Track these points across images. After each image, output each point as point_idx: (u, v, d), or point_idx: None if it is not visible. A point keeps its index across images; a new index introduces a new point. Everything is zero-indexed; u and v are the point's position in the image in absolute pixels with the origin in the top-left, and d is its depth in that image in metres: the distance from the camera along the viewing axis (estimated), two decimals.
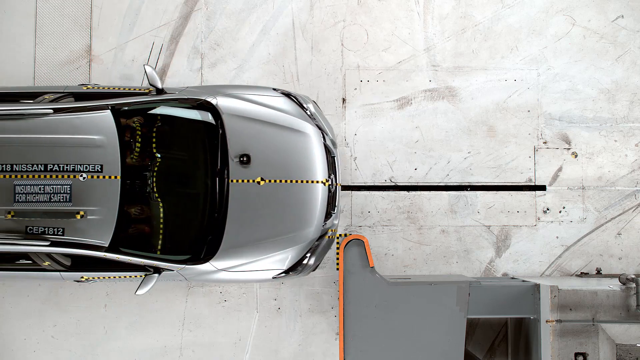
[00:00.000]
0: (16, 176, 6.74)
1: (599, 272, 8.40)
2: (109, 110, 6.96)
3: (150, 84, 7.18)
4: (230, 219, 7.02)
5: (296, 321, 8.49)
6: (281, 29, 8.74)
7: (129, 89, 7.38)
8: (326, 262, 8.47)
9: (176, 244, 7.19)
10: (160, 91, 7.20)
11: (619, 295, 6.70)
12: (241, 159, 7.07)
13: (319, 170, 7.21)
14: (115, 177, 6.84)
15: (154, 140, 7.25)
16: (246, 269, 7.16)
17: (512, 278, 8.17)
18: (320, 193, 7.18)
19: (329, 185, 7.29)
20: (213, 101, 7.21)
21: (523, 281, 7.30)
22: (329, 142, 7.47)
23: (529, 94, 8.62)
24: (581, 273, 8.37)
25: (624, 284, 6.75)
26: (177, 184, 7.23)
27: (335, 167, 7.50)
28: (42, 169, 6.77)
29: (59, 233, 6.79)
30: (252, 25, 8.75)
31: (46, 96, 7.19)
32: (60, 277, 7.20)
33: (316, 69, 8.61)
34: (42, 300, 8.59)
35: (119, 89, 7.38)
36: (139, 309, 8.55)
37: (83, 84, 7.69)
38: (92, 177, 6.80)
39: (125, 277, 7.34)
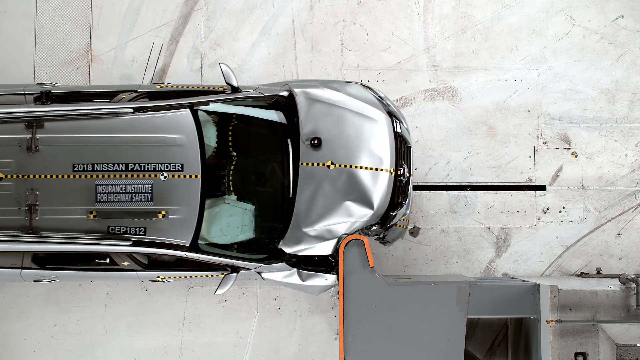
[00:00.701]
0: (97, 176, 6.73)
1: (599, 272, 8.40)
2: (188, 109, 6.95)
3: (226, 82, 7.17)
4: (299, 203, 7.00)
5: (296, 321, 8.49)
6: (281, 29, 8.74)
7: (203, 88, 7.37)
8: None
9: (252, 242, 7.22)
10: (235, 89, 7.20)
11: (619, 295, 6.70)
12: (312, 142, 7.04)
13: (388, 158, 7.16)
14: (196, 176, 6.82)
15: (230, 138, 7.26)
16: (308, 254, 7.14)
17: (512, 278, 8.17)
18: (386, 181, 7.13)
19: (400, 175, 7.23)
20: (286, 87, 7.24)
21: (523, 281, 7.30)
22: (404, 132, 7.42)
23: (529, 94, 8.62)
24: (581, 273, 8.37)
25: (624, 284, 6.75)
26: (253, 181, 7.24)
27: (409, 157, 7.45)
28: (123, 168, 6.75)
29: (141, 233, 6.78)
30: (252, 25, 8.75)
31: (123, 95, 7.17)
32: (137, 277, 7.18)
33: (316, 69, 8.61)
34: (42, 300, 8.59)
35: (192, 87, 7.37)
36: (139, 309, 8.55)
37: (156, 83, 7.67)
38: (173, 176, 6.79)
39: (201, 276, 7.29)
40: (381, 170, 7.13)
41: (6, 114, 6.82)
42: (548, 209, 8.49)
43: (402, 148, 7.36)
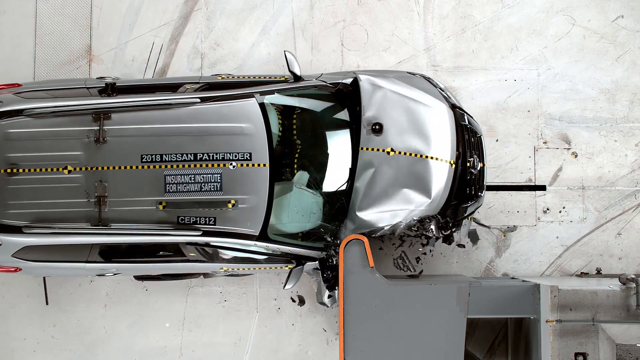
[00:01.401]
0: (166, 166, 6.74)
1: (599, 272, 8.40)
2: (254, 99, 6.96)
3: (290, 70, 7.19)
4: (357, 188, 7.03)
5: (296, 321, 8.49)
6: (281, 29, 8.74)
7: (265, 77, 7.39)
8: None
9: (312, 232, 7.22)
10: (298, 78, 7.22)
11: (619, 295, 6.70)
12: (373, 127, 7.06)
13: (448, 149, 7.17)
14: (264, 165, 6.82)
15: (294, 126, 7.27)
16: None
17: (512, 278, 8.16)
18: (446, 172, 7.14)
19: (471, 166, 7.25)
20: (351, 74, 7.27)
21: (523, 281, 7.30)
22: (472, 122, 7.43)
23: (529, 94, 8.62)
24: (581, 273, 8.37)
25: (624, 284, 6.75)
26: (316, 169, 7.22)
27: (481, 146, 7.46)
28: (192, 158, 6.75)
29: (211, 223, 6.78)
30: (252, 25, 8.75)
31: (187, 86, 7.20)
32: (201, 268, 7.20)
33: (316, 69, 8.61)
34: (42, 300, 8.59)
35: (254, 77, 7.39)
36: (139, 309, 8.55)
37: (217, 74, 7.67)
38: (242, 165, 6.79)
39: (262, 269, 7.30)
40: (441, 160, 7.14)
41: (76, 106, 6.83)
42: (548, 209, 8.49)
43: (470, 139, 7.35)
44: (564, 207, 8.38)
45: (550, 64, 8.64)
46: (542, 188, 8.55)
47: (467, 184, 7.33)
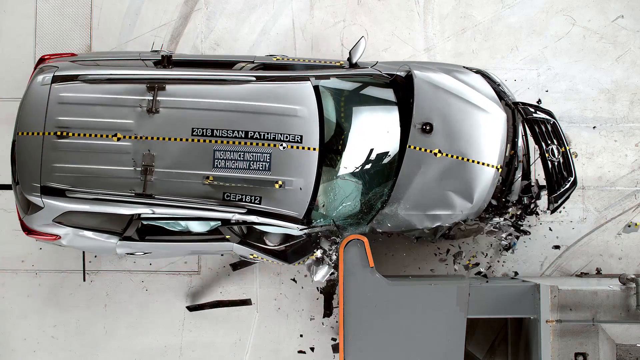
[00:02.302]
0: (216, 142, 6.72)
1: (599, 272, 8.40)
2: (309, 82, 6.96)
3: (350, 55, 7.17)
4: (398, 185, 7.00)
5: (296, 321, 8.49)
6: (281, 29, 8.74)
7: (319, 61, 7.38)
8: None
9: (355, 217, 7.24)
10: (353, 65, 7.21)
11: (619, 295, 6.70)
12: (423, 126, 7.03)
13: (497, 154, 7.15)
14: (314, 149, 6.81)
15: (342, 114, 7.22)
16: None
17: (512, 278, 8.16)
18: (491, 177, 7.13)
19: (550, 156, 7.24)
20: (406, 67, 7.25)
21: (523, 281, 7.30)
22: (544, 110, 7.40)
23: (529, 94, 8.61)
24: (581, 273, 8.37)
25: (624, 284, 6.75)
26: (361, 158, 7.17)
27: (557, 132, 7.43)
28: (243, 135, 6.74)
29: (256, 202, 6.76)
30: (252, 25, 8.76)
31: (242, 64, 7.19)
32: (231, 249, 7.19)
33: None
34: (42, 300, 8.60)
35: (308, 60, 7.38)
36: (139, 309, 8.55)
37: (271, 55, 7.67)
38: (292, 147, 6.77)
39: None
40: (488, 165, 7.12)
41: (131, 75, 6.85)
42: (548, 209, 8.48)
43: (542, 128, 7.28)
44: (564, 207, 8.37)
45: (550, 64, 8.64)
46: (542, 188, 8.53)
47: (551, 174, 7.28)
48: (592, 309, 6.69)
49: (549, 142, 7.31)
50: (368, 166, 7.14)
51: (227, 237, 6.99)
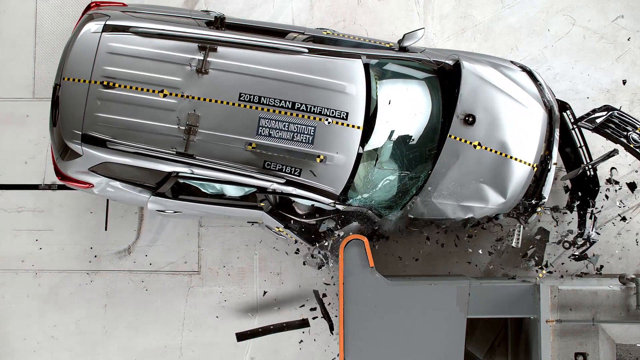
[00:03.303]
0: (262, 109, 6.70)
1: (599, 272, 8.39)
2: (360, 60, 6.94)
3: (403, 38, 7.14)
4: (435, 173, 7.03)
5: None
6: None
7: (368, 40, 7.37)
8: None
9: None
10: (403, 49, 7.20)
11: (619, 295, 6.70)
12: (466, 118, 7.05)
13: (534, 152, 7.22)
14: (358, 128, 6.80)
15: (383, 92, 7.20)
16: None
17: (512, 278, 8.16)
18: (526, 175, 7.20)
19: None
20: (455, 57, 7.28)
21: (523, 281, 7.30)
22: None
23: None
24: (581, 273, 8.36)
25: (624, 284, 6.75)
26: (400, 142, 7.16)
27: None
28: (290, 106, 6.72)
29: (296, 173, 6.76)
30: None
31: (294, 35, 7.17)
32: (260, 217, 7.17)
33: None
34: (42, 300, 8.59)
35: (357, 38, 7.35)
36: (139, 309, 8.55)
37: (322, 28, 7.64)
38: (337, 123, 6.76)
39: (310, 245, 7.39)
40: (524, 162, 7.17)
41: (184, 33, 6.80)
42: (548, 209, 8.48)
43: (608, 128, 7.30)
44: (564, 207, 8.36)
45: (550, 64, 8.63)
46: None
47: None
48: (592, 309, 6.69)
49: (624, 132, 7.23)
50: (408, 150, 7.15)
51: (262, 204, 6.97)
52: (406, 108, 7.15)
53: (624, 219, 8.33)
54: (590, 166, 7.54)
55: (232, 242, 8.56)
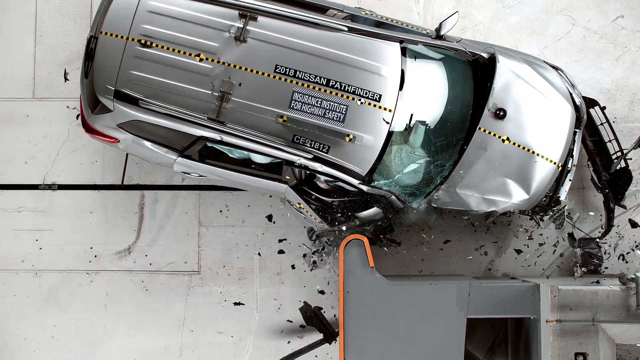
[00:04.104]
0: (297, 83, 6.70)
1: (599, 272, 8.39)
2: (398, 44, 6.95)
3: (439, 26, 7.14)
4: (461, 164, 7.06)
5: (296, 321, 8.49)
6: None
7: (406, 25, 7.38)
8: (326, 261, 8.49)
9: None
10: (439, 37, 7.22)
11: (619, 295, 6.69)
12: (497, 112, 7.08)
13: (560, 152, 7.27)
14: (390, 111, 6.81)
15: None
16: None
17: (512, 278, 8.16)
18: (551, 173, 7.26)
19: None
20: (490, 50, 7.30)
21: (523, 281, 7.30)
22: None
23: None
24: (581, 273, 8.36)
25: (624, 284, 6.74)
26: (429, 129, 7.17)
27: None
28: (324, 83, 6.73)
29: (324, 150, 6.77)
30: None
31: (335, 12, 7.17)
32: (283, 191, 7.18)
33: None
34: (42, 300, 8.59)
35: (395, 21, 7.36)
36: (139, 309, 8.55)
37: (360, 7, 7.66)
38: (369, 104, 6.77)
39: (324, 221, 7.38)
40: (549, 160, 7.22)
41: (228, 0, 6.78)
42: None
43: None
44: (564, 207, 8.36)
45: None
46: None
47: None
48: (592, 309, 6.69)
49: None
50: (436, 138, 7.16)
51: (287, 177, 6.98)
52: (437, 96, 7.18)
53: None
54: (624, 156, 7.64)
55: (232, 242, 8.56)
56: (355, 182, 6.87)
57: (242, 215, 8.56)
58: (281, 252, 8.51)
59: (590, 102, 7.87)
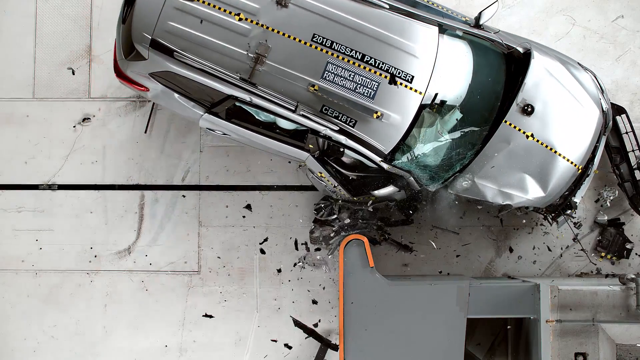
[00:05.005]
0: (332, 54, 6.73)
1: (598, 272, 8.39)
2: (437, 27, 6.97)
3: (479, 15, 7.19)
4: (483, 154, 7.09)
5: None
6: None
7: (446, 9, 7.41)
8: (326, 261, 8.48)
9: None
10: (478, 26, 7.25)
11: (619, 295, 6.70)
12: (525, 107, 7.11)
13: (582, 154, 7.31)
14: (420, 93, 6.84)
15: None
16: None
17: (512, 278, 8.16)
18: (570, 175, 7.30)
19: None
20: (527, 45, 7.32)
21: (523, 281, 7.30)
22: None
23: None
24: (581, 273, 8.36)
25: (624, 284, 6.75)
26: (457, 115, 7.20)
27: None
28: (360, 57, 6.75)
29: (351, 124, 6.79)
30: None
31: None
32: (305, 159, 7.20)
33: None
34: (42, 300, 8.59)
35: (434, 4, 7.38)
36: (139, 309, 8.55)
37: None
38: (401, 84, 6.80)
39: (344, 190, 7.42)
40: (570, 161, 7.26)
41: None
42: None
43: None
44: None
45: None
46: None
47: None
48: (592, 309, 6.69)
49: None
50: (461, 125, 7.17)
51: (310, 146, 7.02)
52: (468, 84, 7.18)
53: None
54: None
55: (232, 242, 8.56)
56: (377, 159, 6.90)
57: (242, 215, 8.56)
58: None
59: (618, 110, 7.91)
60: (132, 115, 8.65)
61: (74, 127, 8.66)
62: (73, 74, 8.68)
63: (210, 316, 8.51)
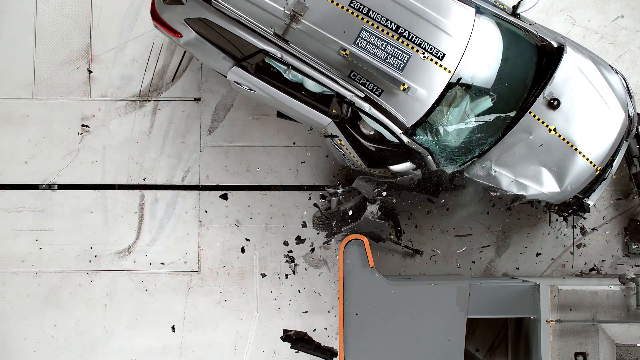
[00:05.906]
0: (367, 22, 6.74)
1: (598, 272, 8.40)
2: (474, 9, 6.98)
3: (518, 4, 7.17)
4: (504, 142, 7.13)
5: (296, 321, 8.49)
6: None
7: None
8: (326, 261, 8.48)
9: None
10: (515, 14, 7.26)
11: (619, 295, 6.70)
12: (551, 101, 7.14)
13: (602, 156, 7.34)
14: (449, 71, 6.85)
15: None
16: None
17: (512, 278, 8.16)
18: (587, 175, 7.32)
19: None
20: (561, 40, 7.35)
21: (523, 281, 7.30)
22: None
23: None
24: (581, 273, 8.37)
25: (624, 284, 6.75)
26: (486, 102, 7.21)
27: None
28: (394, 28, 6.76)
29: (377, 93, 6.81)
30: None
31: None
32: (326, 125, 7.20)
33: None
34: (42, 300, 8.59)
35: None
36: (139, 309, 8.55)
37: None
38: (431, 60, 6.81)
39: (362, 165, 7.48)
40: (589, 161, 7.29)
41: None
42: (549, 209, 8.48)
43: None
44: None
45: None
46: None
47: None
48: (592, 309, 6.69)
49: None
50: (487, 110, 7.18)
51: (334, 111, 7.04)
52: (497, 71, 7.17)
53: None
54: None
55: (232, 242, 8.56)
56: (398, 131, 6.91)
57: (242, 215, 8.56)
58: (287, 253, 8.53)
59: None
60: (132, 115, 8.66)
61: (74, 127, 8.66)
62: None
63: (210, 316, 8.51)
